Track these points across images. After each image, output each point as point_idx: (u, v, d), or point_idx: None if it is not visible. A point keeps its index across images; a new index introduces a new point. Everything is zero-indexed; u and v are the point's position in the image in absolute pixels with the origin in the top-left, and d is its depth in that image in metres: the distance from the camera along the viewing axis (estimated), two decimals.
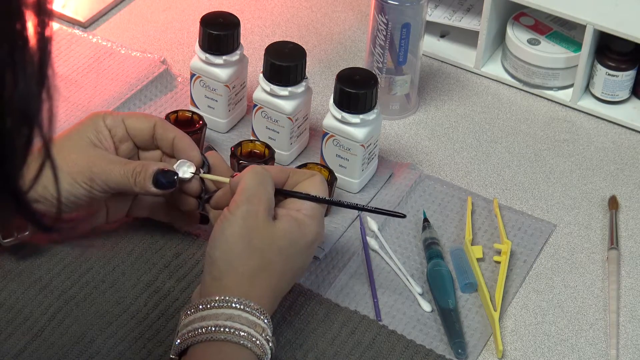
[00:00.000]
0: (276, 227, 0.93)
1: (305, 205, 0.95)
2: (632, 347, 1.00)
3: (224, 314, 0.87)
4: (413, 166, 1.16)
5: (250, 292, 0.89)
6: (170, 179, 0.98)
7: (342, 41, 1.33)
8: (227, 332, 0.86)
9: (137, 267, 1.02)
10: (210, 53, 1.13)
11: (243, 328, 0.87)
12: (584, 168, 1.18)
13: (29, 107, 0.58)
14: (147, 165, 0.98)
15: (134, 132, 1.01)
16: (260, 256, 0.91)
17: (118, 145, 1.01)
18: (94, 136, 0.99)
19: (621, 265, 1.08)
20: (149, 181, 0.97)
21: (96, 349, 0.95)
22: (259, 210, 0.92)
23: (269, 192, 0.94)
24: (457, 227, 1.09)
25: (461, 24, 1.29)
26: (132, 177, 0.97)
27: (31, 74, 0.58)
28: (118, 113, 1.02)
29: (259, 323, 0.88)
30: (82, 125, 1.00)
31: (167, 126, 1.02)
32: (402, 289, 1.03)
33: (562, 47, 1.25)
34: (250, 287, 0.90)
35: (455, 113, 1.24)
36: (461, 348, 0.97)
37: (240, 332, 0.87)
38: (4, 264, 1.01)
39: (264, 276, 0.91)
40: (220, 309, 0.88)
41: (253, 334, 0.87)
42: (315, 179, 0.97)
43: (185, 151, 1.00)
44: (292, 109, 1.11)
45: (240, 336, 0.86)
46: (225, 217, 0.92)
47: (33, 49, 0.58)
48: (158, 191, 0.98)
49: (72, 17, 1.31)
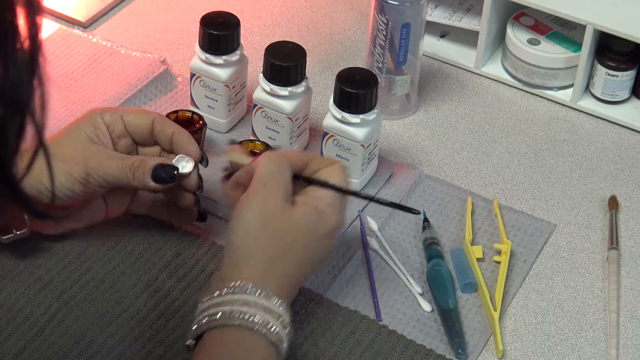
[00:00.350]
0: (295, 213, 0.93)
1: (326, 194, 0.95)
2: (632, 347, 1.00)
3: (240, 300, 0.87)
4: (413, 166, 1.16)
5: (266, 276, 0.89)
6: (171, 174, 0.98)
7: (342, 41, 1.33)
8: (242, 318, 0.86)
9: (137, 267, 1.02)
10: (210, 53, 1.13)
11: (258, 313, 0.87)
12: (584, 168, 1.18)
13: (20, 95, 0.58)
14: (146, 160, 0.98)
15: (133, 128, 1.01)
16: (278, 240, 0.91)
17: (116, 141, 1.01)
18: (92, 132, 1.00)
19: (621, 265, 1.08)
20: (147, 176, 0.98)
21: (96, 349, 0.95)
22: (277, 195, 0.92)
23: (285, 177, 0.94)
24: (457, 227, 1.09)
25: (461, 24, 1.29)
26: (131, 172, 0.98)
27: (22, 62, 0.58)
28: (117, 109, 1.02)
29: (274, 309, 0.87)
30: (80, 121, 1.01)
31: (166, 122, 1.02)
32: (402, 289, 1.03)
33: (562, 47, 1.25)
34: (267, 272, 0.90)
35: (455, 113, 1.24)
36: (461, 348, 0.97)
37: (255, 317, 0.86)
38: (4, 264, 1.01)
39: (281, 262, 0.91)
40: (236, 295, 0.87)
41: (269, 320, 0.87)
42: (336, 166, 0.97)
43: (184, 146, 1.00)
44: (292, 109, 1.11)
45: (254, 322, 0.86)
46: (244, 203, 0.92)
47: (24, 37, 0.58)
48: (157, 186, 0.98)
49: (72, 17, 1.31)
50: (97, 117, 1.00)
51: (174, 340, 0.96)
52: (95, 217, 1.03)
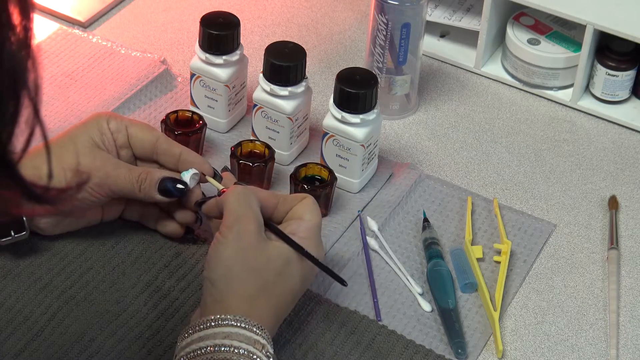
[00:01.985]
0: (271, 246, 0.92)
1: (301, 227, 0.94)
2: (632, 347, 1.00)
3: (222, 333, 0.86)
4: (413, 166, 1.16)
5: (251, 312, 0.88)
6: (178, 188, 0.98)
7: (342, 41, 1.33)
8: (226, 352, 0.85)
9: (137, 267, 1.02)
10: (210, 53, 1.13)
11: (242, 345, 0.85)
12: (584, 168, 1.18)
13: (16, 71, 0.58)
14: (153, 172, 0.99)
15: (135, 141, 1.01)
16: (258, 276, 0.90)
17: (119, 151, 1.01)
18: (98, 138, 1.00)
19: (621, 265, 1.08)
20: (154, 189, 0.98)
21: (96, 349, 0.95)
22: (251, 230, 0.91)
23: (255, 210, 0.93)
24: (457, 227, 1.09)
25: (461, 24, 1.29)
26: (137, 184, 0.98)
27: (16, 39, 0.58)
28: (123, 118, 1.02)
29: (258, 339, 0.86)
30: (86, 125, 1.00)
31: (172, 141, 1.02)
32: (402, 289, 1.03)
33: (562, 47, 1.25)
34: (251, 307, 0.89)
35: (455, 113, 1.24)
36: (461, 348, 0.97)
37: (240, 349, 0.85)
38: (5, 264, 1.01)
39: (264, 296, 0.90)
40: (217, 328, 0.86)
41: (252, 351, 0.85)
42: (308, 201, 0.96)
43: (194, 164, 1.00)
44: (292, 109, 1.11)
45: (239, 354, 0.85)
46: (219, 240, 0.91)
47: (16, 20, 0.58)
48: (162, 199, 0.98)
49: (72, 17, 1.31)
50: (102, 122, 1.00)
51: (174, 340, 0.96)
52: (92, 220, 1.03)
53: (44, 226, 1.01)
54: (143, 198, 0.99)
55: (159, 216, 1.04)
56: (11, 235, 1.00)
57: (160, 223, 1.04)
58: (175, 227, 1.03)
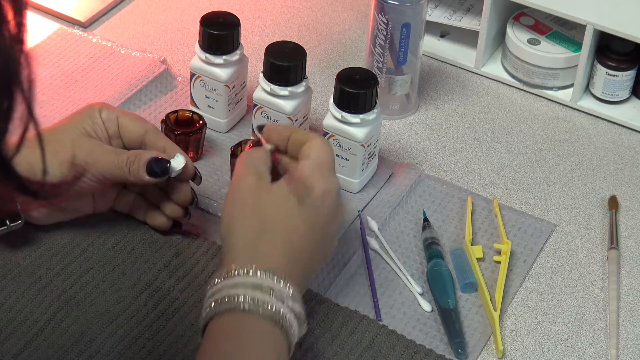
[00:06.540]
0: (274, 187, 0.93)
1: (302, 167, 0.94)
2: (632, 347, 1.00)
3: (228, 285, 0.86)
4: (413, 166, 1.16)
5: (255, 256, 0.88)
6: (163, 167, 1.00)
7: (342, 41, 1.33)
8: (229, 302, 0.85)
9: (137, 267, 1.02)
10: (210, 53, 1.13)
11: (247, 292, 0.85)
12: (584, 168, 1.18)
13: (9, 67, 0.59)
14: (141, 154, 1.00)
15: (124, 132, 1.03)
16: (255, 217, 0.91)
17: (110, 140, 1.02)
18: (90, 127, 1.01)
19: (621, 265, 1.08)
20: (143, 169, 0.99)
21: (96, 349, 0.95)
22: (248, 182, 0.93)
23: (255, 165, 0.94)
24: (457, 227, 1.09)
25: (461, 24, 1.29)
26: (127, 167, 0.99)
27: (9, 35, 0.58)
28: (114, 108, 1.03)
29: (264, 283, 0.86)
30: (78, 115, 1.02)
31: (160, 135, 1.03)
32: (402, 288, 1.03)
33: (562, 47, 1.25)
34: (255, 252, 0.89)
35: (455, 113, 1.24)
36: (461, 348, 0.97)
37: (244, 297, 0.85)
38: (5, 264, 1.01)
39: (268, 236, 0.90)
40: (225, 281, 0.87)
41: (258, 297, 0.85)
42: (314, 141, 0.97)
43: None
44: (292, 109, 1.11)
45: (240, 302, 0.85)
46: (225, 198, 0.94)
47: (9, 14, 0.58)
48: (152, 179, 0.99)
49: (72, 17, 1.31)
50: (94, 112, 1.02)
51: (174, 340, 0.96)
52: (84, 210, 1.04)
53: (38, 215, 1.02)
54: (134, 180, 1.00)
55: (148, 208, 1.05)
56: (6, 225, 1.00)
57: (150, 215, 1.05)
58: (163, 220, 1.05)
